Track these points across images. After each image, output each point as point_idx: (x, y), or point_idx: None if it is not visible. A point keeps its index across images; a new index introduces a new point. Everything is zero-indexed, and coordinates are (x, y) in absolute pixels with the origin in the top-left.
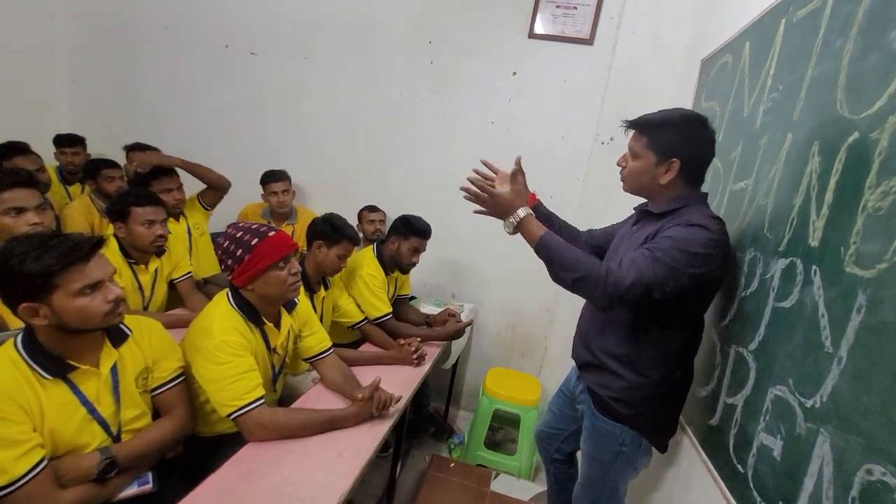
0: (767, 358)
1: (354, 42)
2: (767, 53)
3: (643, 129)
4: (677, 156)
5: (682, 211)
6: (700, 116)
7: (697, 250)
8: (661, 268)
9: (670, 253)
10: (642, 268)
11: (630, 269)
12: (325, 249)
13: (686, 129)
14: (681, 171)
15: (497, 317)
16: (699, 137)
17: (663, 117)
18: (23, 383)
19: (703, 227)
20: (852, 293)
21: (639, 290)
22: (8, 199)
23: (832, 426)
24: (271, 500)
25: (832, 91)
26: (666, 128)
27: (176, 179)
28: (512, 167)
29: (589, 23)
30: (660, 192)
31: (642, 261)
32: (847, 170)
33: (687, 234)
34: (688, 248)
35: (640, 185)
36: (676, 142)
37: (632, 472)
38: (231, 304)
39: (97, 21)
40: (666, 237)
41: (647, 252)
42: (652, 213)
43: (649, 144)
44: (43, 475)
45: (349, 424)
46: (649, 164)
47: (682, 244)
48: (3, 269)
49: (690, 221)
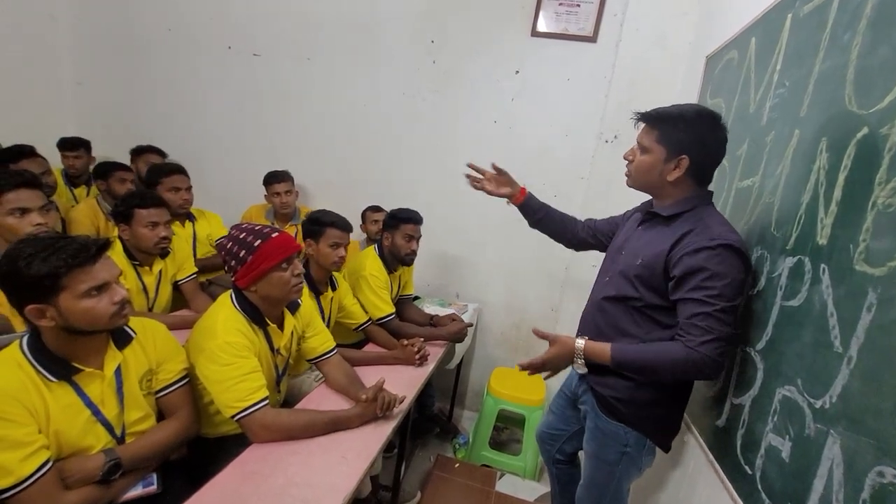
0: (775, 358)
1: (356, 42)
2: (774, 49)
3: (655, 123)
4: (688, 153)
5: (692, 215)
6: (715, 114)
7: (742, 277)
8: (727, 315)
9: (725, 295)
10: (715, 329)
11: (707, 339)
12: (314, 245)
13: (699, 127)
14: (689, 170)
15: (501, 316)
16: (712, 136)
17: (678, 111)
18: (28, 385)
19: (730, 246)
20: (862, 291)
21: (724, 344)
22: (12, 200)
23: (842, 427)
24: (276, 502)
25: (841, 86)
26: (679, 122)
27: (186, 179)
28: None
29: (592, 20)
30: (666, 189)
31: (710, 322)
32: (856, 166)
33: (723, 262)
34: (734, 279)
35: (646, 180)
36: (688, 138)
37: (636, 472)
38: (234, 305)
39: (101, 24)
40: (705, 274)
41: (706, 308)
42: (660, 215)
43: (660, 139)
44: (48, 476)
45: (353, 425)
46: (658, 160)
47: (727, 277)
48: (11, 271)
49: (714, 237)
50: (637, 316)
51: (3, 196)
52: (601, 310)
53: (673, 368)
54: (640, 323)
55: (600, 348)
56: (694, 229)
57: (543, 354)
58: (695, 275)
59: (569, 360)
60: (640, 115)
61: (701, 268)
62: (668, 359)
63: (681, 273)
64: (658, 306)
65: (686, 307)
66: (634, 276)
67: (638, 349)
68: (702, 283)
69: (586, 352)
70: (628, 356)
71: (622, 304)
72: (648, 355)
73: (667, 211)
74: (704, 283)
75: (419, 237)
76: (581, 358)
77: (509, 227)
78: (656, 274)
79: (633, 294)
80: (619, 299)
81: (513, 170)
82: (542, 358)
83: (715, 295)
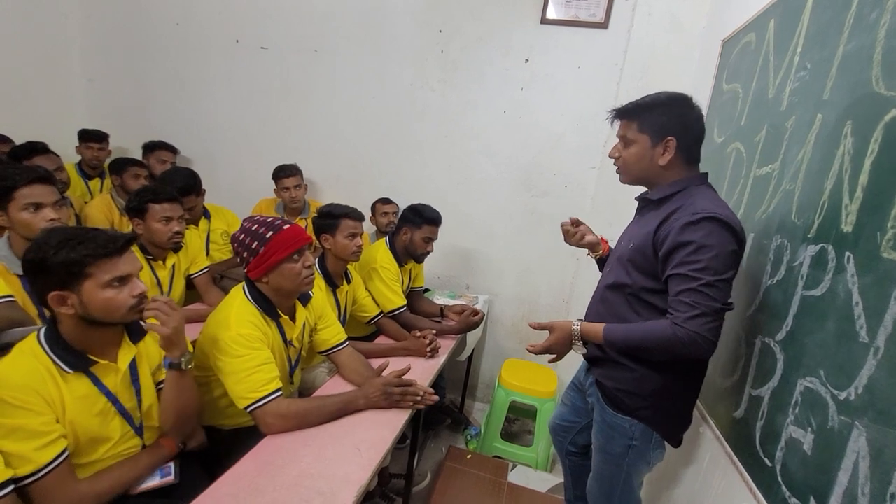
0: (796, 349)
1: (364, 33)
2: (794, 30)
3: (633, 115)
4: (672, 133)
5: (681, 195)
6: (685, 95)
7: (731, 248)
8: (714, 289)
9: (712, 268)
10: (701, 304)
11: (693, 315)
12: (331, 238)
13: (676, 108)
14: (678, 150)
15: (512, 308)
16: (690, 114)
17: (651, 99)
18: (45, 376)
19: (714, 217)
20: (891, 280)
21: (712, 320)
22: (27, 195)
23: (868, 420)
24: (291, 493)
25: (867, 67)
26: (656, 108)
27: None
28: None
29: (603, 6)
30: (660, 174)
31: (696, 298)
32: (884, 150)
33: (708, 235)
34: (721, 252)
35: (639, 170)
36: (668, 120)
37: (644, 466)
38: (247, 297)
39: (110, 20)
40: (690, 248)
41: (692, 284)
42: (652, 200)
43: (641, 128)
44: (65, 465)
45: (360, 405)
46: (645, 148)
47: (713, 250)
48: (39, 258)
49: (697, 211)
50: (634, 302)
51: (17, 191)
52: (603, 299)
53: (661, 346)
54: (637, 310)
55: (594, 328)
56: (681, 206)
57: (544, 342)
58: (680, 249)
59: (569, 343)
60: (615, 112)
61: (686, 242)
62: (655, 336)
63: (667, 249)
64: (652, 290)
65: (673, 283)
66: (628, 261)
67: (627, 328)
68: (687, 258)
69: (583, 332)
70: (618, 335)
71: (620, 291)
72: (637, 333)
73: (657, 195)
74: (689, 257)
75: (436, 239)
76: (579, 339)
77: (520, 219)
78: (647, 256)
79: (626, 280)
80: (616, 287)
81: (523, 160)
82: (544, 346)
83: (701, 268)
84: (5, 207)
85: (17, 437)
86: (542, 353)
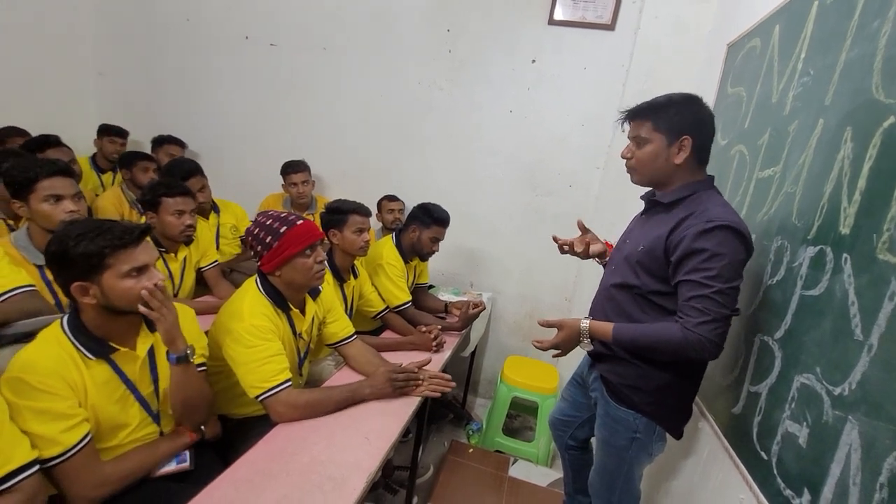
0: (794, 346)
1: (372, 31)
2: (798, 37)
3: (646, 114)
4: (688, 132)
5: (691, 200)
6: (698, 96)
7: (741, 258)
8: (724, 296)
9: (724, 275)
10: (712, 311)
11: (703, 320)
12: (339, 234)
13: (692, 106)
14: (693, 149)
15: (515, 305)
16: (703, 113)
17: (666, 99)
18: (68, 361)
19: (728, 227)
20: (885, 280)
21: (721, 326)
22: (47, 187)
23: (861, 413)
24: (303, 478)
25: (868, 74)
26: (671, 107)
27: (201, 179)
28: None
29: (610, 7)
30: (673, 175)
31: (707, 304)
32: (882, 155)
33: (722, 243)
34: (733, 260)
35: (653, 171)
36: (684, 119)
37: (646, 457)
38: (260, 289)
39: (121, 14)
40: (704, 255)
41: (703, 290)
42: (661, 202)
43: (656, 127)
44: (90, 447)
45: (367, 395)
46: (661, 147)
47: (725, 258)
48: (60, 250)
49: (711, 219)
50: (643, 303)
51: (38, 183)
52: (610, 297)
53: (670, 349)
54: (646, 310)
55: (603, 328)
56: (693, 212)
57: (552, 339)
58: (693, 256)
59: (576, 340)
60: (628, 112)
61: (699, 249)
62: (665, 339)
63: (680, 255)
64: (661, 292)
65: (684, 289)
66: (636, 263)
67: (636, 328)
68: (700, 265)
69: (591, 331)
70: (627, 335)
71: (627, 291)
72: (646, 334)
73: (667, 198)
74: (702, 264)
75: (442, 240)
76: (587, 337)
77: (524, 218)
78: (657, 259)
79: (635, 282)
80: (624, 286)
81: (528, 160)
82: (552, 342)
83: (713, 276)
84: (26, 199)
85: (43, 419)
86: (549, 349)
